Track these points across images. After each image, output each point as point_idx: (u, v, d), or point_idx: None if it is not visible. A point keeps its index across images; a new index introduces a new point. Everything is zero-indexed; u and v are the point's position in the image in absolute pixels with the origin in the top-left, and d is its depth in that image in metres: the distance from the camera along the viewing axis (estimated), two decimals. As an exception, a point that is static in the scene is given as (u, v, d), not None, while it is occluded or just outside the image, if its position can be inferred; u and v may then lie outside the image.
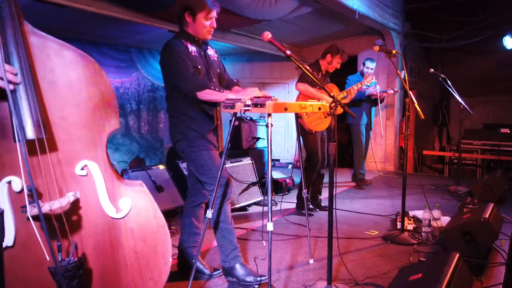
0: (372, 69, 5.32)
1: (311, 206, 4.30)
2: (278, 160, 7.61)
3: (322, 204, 4.36)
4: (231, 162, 4.35)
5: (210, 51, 2.60)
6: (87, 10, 4.13)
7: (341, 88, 4.56)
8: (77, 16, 4.73)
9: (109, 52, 6.76)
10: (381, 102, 5.36)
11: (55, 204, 1.39)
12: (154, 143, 7.63)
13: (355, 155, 5.62)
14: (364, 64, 5.38)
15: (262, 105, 2.09)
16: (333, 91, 4.08)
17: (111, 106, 1.55)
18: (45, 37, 1.44)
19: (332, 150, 2.24)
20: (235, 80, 2.72)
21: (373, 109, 5.70)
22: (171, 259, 1.65)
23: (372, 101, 5.43)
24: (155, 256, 1.62)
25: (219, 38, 5.88)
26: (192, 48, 2.41)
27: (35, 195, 1.22)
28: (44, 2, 3.84)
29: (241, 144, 5.63)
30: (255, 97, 2.19)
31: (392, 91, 5.39)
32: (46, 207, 1.37)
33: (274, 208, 4.43)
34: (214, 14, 2.42)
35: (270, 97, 2.19)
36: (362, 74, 5.43)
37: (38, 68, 1.42)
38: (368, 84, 4.60)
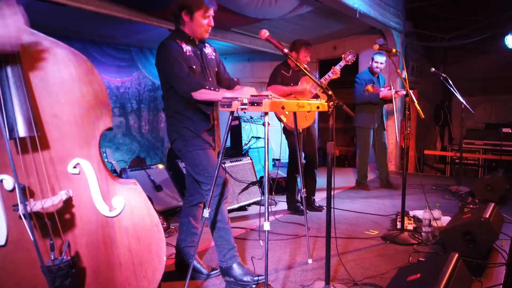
0: (381, 63, 5.09)
1: (301, 208, 4.06)
2: (278, 159, 7.59)
3: (316, 205, 4.29)
4: (230, 162, 4.34)
5: (208, 50, 2.57)
6: (87, 9, 4.13)
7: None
8: (78, 15, 4.72)
9: (110, 52, 6.77)
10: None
11: (47, 202, 1.38)
12: (155, 143, 7.63)
13: (359, 159, 5.43)
14: (372, 59, 5.15)
15: (259, 104, 2.08)
16: (310, 84, 3.95)
17: (103, 104, 1.53)
18: (37, 35, 1.43)
19: (331, 149, 2.22)
20: (235, 79, 2.70)
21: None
22: (165, 258, 1.64)
23: (384, 100, 5.12)
24: (149, 255, 1.61)
25: (220, 38, 5.87)
26: (187, 48, 2.39)
27: (20, 193, 1.20)
28: (44, 1, 3.84)
29: (241, 143, 5.62)
30: (252, 96, 2.17)
31: (404, 92, 4.99)
32: (38, 206, 1.36)
33: (274, 207, 4.41)
34: (211, 12, 2.39)
35: (268, 95, 2.17)
36: (371, 70, 5.20)
37: (30, 66, 1.41)
38: (350, 62, 4.00)
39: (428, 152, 8.08)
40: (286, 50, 2.23)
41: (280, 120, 3.92)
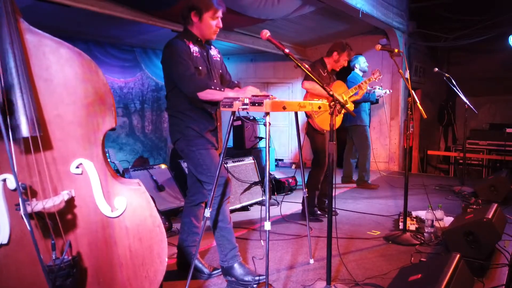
0: (364, 62, 5.39)
1: (318, 212, 4.03)
2: (281, 160, 7.59)
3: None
4: (233, 162, 4.34)
5: (213, 51, 2.59)
6: (90, 10, 4.14)
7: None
8: (81, 16, 4.75)
9: (114, 52, 6.78)
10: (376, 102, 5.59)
11: (49, 203, 1.39)
12: (158, 143, 7.65)
13: (361, 159, 5.47)
14: (361, 60, 5.39)
15: (260, 104, 2.09)
16: (341, 89, 3.97)
17: (107, 104, 1.54)
18: (42, 35, 1.44)
19: (332, 149, 2.22)
20: (236, 82, 2.72)
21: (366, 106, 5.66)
22: (166, 259, 1.65)
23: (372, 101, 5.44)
24: (151, 255, 1.62)
25: (223, 38, 5.87)
26: (194, 49, 2.41)
27: (21, 194, 1.21)
28: (47, 2, 3.86)
29: (244, 143, 5.63)
30: (253, 96, 2.18)
31: (388, 92, 5.43)
32: (39, 206, 1.37)
33: (276, 208, 4.41)
34: (220, 14, 2.42)
35: (268, 95, 2.18)
36: (361, 70, 5.44)
37: (34, 66, 1.42)
38: (376, 79, 4.37)
39: (432, 153, 8.05)
40: (287, 50, 2.23)
41: (310, 117, 3.75)
